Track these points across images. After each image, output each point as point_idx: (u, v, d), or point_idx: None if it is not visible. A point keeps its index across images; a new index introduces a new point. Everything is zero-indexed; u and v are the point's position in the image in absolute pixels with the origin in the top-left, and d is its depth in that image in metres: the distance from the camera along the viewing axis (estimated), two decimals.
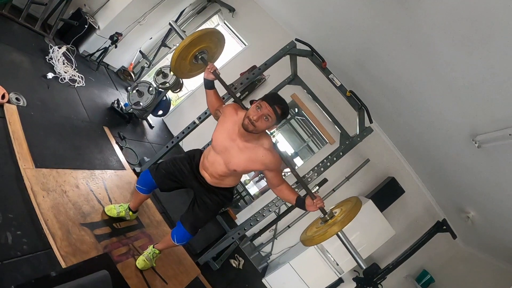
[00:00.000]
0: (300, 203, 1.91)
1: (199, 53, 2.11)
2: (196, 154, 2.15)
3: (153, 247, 2.25)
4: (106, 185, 2.58)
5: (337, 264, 3.60)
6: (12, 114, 2.17)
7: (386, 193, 3.83)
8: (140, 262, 2.16)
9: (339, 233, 1.74)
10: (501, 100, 1.81)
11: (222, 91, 2.25)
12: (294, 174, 2.01)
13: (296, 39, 3.03)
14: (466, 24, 1.62)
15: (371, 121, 2.81)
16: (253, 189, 6.25)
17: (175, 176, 2.10)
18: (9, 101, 2.21)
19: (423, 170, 3.85)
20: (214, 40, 2.14)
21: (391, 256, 3.72)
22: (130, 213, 2.40)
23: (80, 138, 2.77)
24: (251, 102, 1.79)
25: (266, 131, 1.86)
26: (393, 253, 3.76)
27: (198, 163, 2.11)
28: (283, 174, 2.25)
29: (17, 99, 2.30)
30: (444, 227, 3.20)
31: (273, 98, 1.73)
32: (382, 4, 2.17)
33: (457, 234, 3.26)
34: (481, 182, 2.57)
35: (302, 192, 2.05)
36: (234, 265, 3.54)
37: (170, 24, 2.24)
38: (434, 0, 1.71)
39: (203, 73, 2.06)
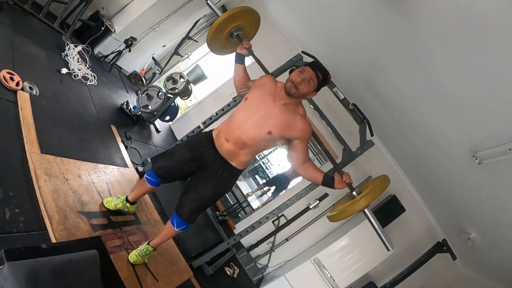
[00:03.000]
0: (328, 180, 1.90)
1: (235, 30, 2.16)
2: (196, 140, 2.17)
3: (148, 244, 2.24)
4: (108, 179, 2.62)
5: (334, 280, 3.53)
6: (24, 101, 2.25)
7: (387, 211, 3.78)
8: (133, 256, 2.16)
9: (366, 210, 1.72)
10: (501, 115, 1.82)
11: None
12: (323, 142, 2.03)
13: (303, 52, 3.10)
14: (467, 42, 1.66)
15: (372, 134, 2.82)
16: (255, 203, 6.24)
17: (173, 170, 2.13)
18: (22, 89, 2.30)
19: (425, 189, 3.81)
20: (251, 20, 2.20)
21: (389, 275, 3.63)
22: (128, 204, 2.40)
23: (87, 132, 2.84)
24: (291, 71, 1.89)
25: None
26: (391, 272, 3.67)
27: (201, 146, 2.09)
28: None
29: (30, 88, 2.39)
30: (444, 248, 3.14)
31: (314, 64, 1.85)
32: (387, 22, 2.23)
33: (457, 255, 3.19)
34: (482, 201, 2.53)
35: None
36: (228, 273, 3.49)
37: (207, 3, 2.30)
38: (436, 17, 1.75)
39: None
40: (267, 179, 7.55)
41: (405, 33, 2.12)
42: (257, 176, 8.75)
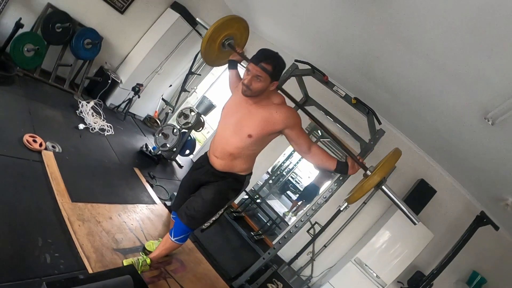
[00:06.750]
0: (342, 166, 1.82)
1: (226, 39, 2.20)
2: (195, 163, 2.30)
3: (146, 255, 2.22)
4: (138, 217, 2.76)
5: (379, 277, 3.43)
6: (49, 159, 2.46)
7: (418, 196, 3.66)
8: (129, 261, 2.13)
9: (384, 187, 1.67)
10: (501, 70, 1.82)
11: None
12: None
13: (296, 60, 3.18)
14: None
15: (379, 123, 2.82)
16: (291, 221, 6.27)
17: (183, 198, 2.22)
18: (46, 148, 2.53)
19: (450, 164, 3.68)
20: (240, 29, 2.24)
21: (436, 261, 3.48)
22: None
23: (112, 178, 3.02)
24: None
25: (278, 92, 1.87)
26: (437, 257, 3.51)
27: (200, 167, 2.18)
28: None
29: (53, 146, 2.62)
30: (485, 220, 3.00)
31: (258, 57, 1.70)
32: (368, 11, 2.31)
33: (499, 225, 3.03)
34: (508, 161, 2.45)
35: None
36: None
37: (197, 21, 2.50)
38: None
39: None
40: (299, 193, 7.57)
41: (385, 15, 2.18)
42: (289, 192, 8.74)
